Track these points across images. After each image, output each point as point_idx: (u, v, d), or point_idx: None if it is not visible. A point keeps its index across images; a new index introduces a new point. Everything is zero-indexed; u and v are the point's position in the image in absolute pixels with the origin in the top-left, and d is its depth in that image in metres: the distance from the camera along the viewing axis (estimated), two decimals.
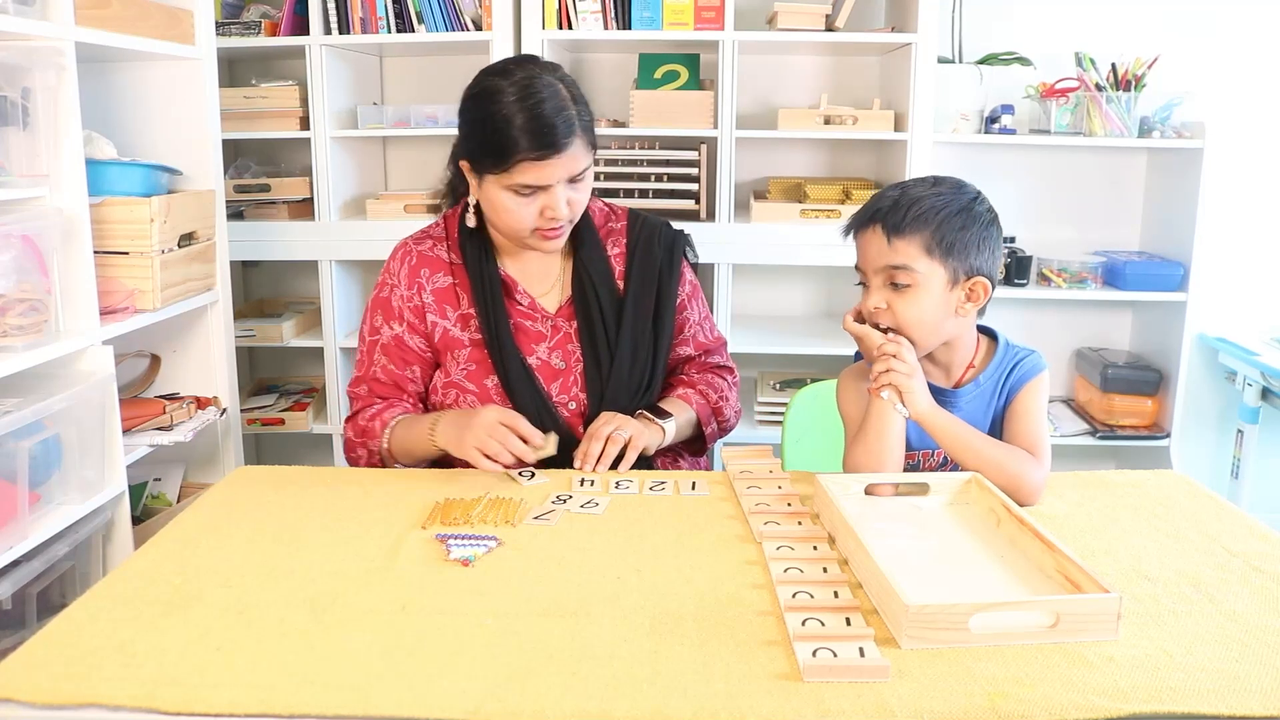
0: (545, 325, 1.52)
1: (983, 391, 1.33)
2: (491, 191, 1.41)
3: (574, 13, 2.37)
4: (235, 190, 2.53)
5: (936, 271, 1.24)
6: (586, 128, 1.40)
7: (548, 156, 1.35)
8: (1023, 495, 1.22)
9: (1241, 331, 2.73)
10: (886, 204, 1.26)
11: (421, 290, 1.51)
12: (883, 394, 1.26)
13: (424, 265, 1.52)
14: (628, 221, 1.60)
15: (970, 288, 1.27)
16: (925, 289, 1.25)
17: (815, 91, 2.67)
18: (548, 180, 1.37)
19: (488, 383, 1.48)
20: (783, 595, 0.96)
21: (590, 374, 1.50)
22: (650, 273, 1.54)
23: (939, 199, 1.25)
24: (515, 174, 1.37)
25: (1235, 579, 1.04)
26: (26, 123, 1.56)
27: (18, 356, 1.50)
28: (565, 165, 1.37)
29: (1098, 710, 0.79)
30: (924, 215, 1.23)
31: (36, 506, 1.57)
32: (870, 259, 1.28)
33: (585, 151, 1.40)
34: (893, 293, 1.26)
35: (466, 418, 1.36)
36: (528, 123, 1.34)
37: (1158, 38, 2.61)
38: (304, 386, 2.81)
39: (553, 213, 1.39)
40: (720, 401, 1.58)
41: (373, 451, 1.47)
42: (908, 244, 1.24)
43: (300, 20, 2.44)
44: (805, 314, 2.87)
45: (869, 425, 1.29)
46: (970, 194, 1.28)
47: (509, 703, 0.80)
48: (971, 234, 1.25)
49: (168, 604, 0.96)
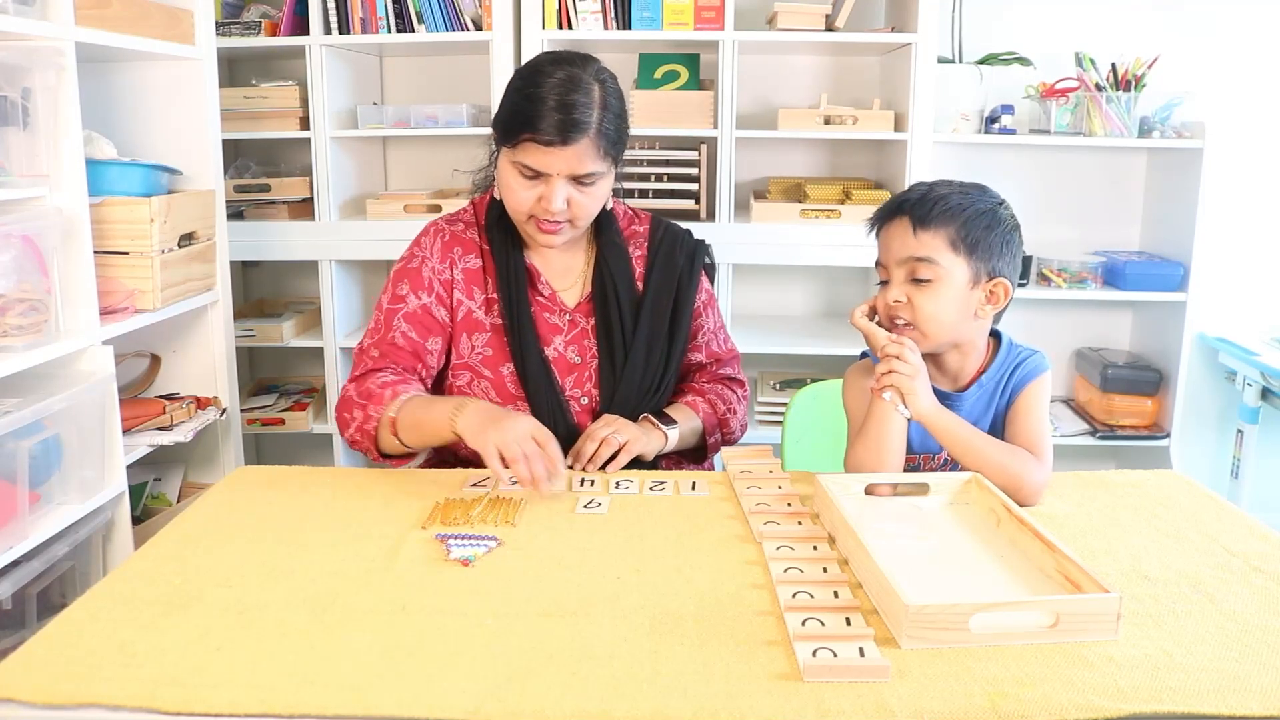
0: (563, 319, 1.53)
1: (985, 391, 1.33)
2: (502, 164, 1.45)
3: (574, 13, 2.37)
4: (235, 190, 2.53)
5: (959, 267, 1.25)
6: (607, 136, 1.39)
7: (552, 145, 1.36)
8: (1024, 496, 1.22)
9: (1241, 331, 2.73)
10: (914, 196, 1.28)
11: (454, 266, 1.51)
12: (885, 394, 1.26)
13: (457, 244, 1.53)
14: (650, 226, 1.61)
15: (991, 289, 1.27)
16: (947, 284, 1.25)
17: (815, 91, 2.67)
18: (547, 168, 1.38)
19: (503, 370, 1.48)
20: (783, 595, 0.96)
21: (604, 372, 1.51)
22: (670, 278, 1.55)
23: (965, 198, 1.26)
24: (519, 152, 1.39)
25: (1235, 579, 1.04)
26: (26, 123, 1.56)
27: (18, 356, 1.50)
28: (568, 160, 1.37)
29: (1098, 710, 0.79)
30: (951, 210, 1.25)
31: (36, 506, 1.57)
32: (894, 251, 1.28)
33: (596, 157, 1.39)
34: (914, 286, 1.26)
35: (499, 415, 1.30)
36: (545, 107, 1.36)
37: (1158, 38, 2.61)
38: (304, 386, 2.81)
39: (548, 204, 1.40)
40: (728, 414, 1.58)
41: (370, 417, 1.38)
42: (933, 236, 1.25)
43: (300, 20, 2.44)
44: (805, 314, 2.87)
45: (870, 424, 1.29)
46: (996, 199, 1.30)
47: (509, 703, 0.80)
48: (995, 235, 1.26)
49: (168, 604, 0.96)
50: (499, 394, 1.49)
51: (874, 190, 2.51)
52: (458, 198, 2.53)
